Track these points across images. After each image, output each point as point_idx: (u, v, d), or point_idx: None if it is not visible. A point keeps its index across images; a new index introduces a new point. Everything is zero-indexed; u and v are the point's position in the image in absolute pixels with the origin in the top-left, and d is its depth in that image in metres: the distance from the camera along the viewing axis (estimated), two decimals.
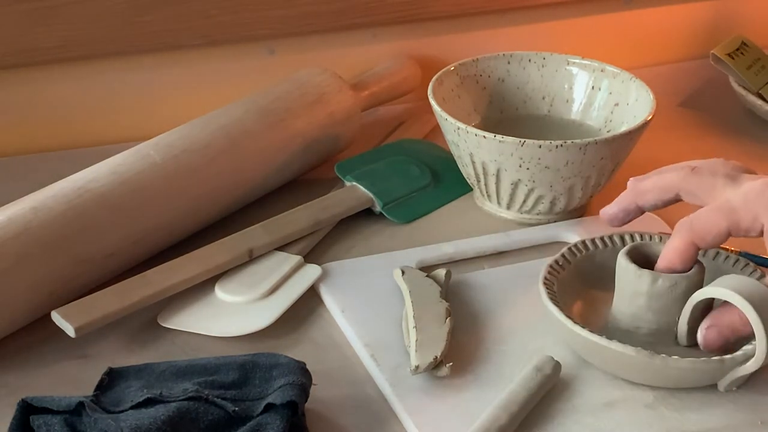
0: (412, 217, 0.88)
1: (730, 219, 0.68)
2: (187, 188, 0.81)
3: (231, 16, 0.98)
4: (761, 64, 1.04)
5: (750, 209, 0.67)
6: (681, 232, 0.69)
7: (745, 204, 0.68)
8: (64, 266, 0.74)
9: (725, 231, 0.68)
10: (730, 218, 0.68)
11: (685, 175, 0.71)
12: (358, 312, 0.76)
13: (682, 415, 0.68)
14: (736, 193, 0.68)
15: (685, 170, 0.71)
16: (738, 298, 0.66)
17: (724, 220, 0.68)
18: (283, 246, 0.81)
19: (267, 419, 0.63)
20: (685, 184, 0.71)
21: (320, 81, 0.92)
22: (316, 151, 0.91)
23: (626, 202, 0.74)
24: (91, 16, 0.94)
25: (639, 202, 0.73)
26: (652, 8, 1.14)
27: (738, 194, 0.68)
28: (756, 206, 0.67)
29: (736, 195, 0.68)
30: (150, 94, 1.00)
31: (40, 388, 0.68)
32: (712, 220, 0.68)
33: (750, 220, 0.68)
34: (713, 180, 0.70)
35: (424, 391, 0.69)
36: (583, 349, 0.70)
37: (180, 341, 0.74)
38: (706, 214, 0.69)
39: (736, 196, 0.68)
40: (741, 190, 0.69)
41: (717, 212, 0.68)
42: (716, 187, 0.70)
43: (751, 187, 0.68)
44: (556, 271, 0.75)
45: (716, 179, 0.70)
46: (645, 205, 0.73)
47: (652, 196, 0.73)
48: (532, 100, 0.94)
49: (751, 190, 0.68)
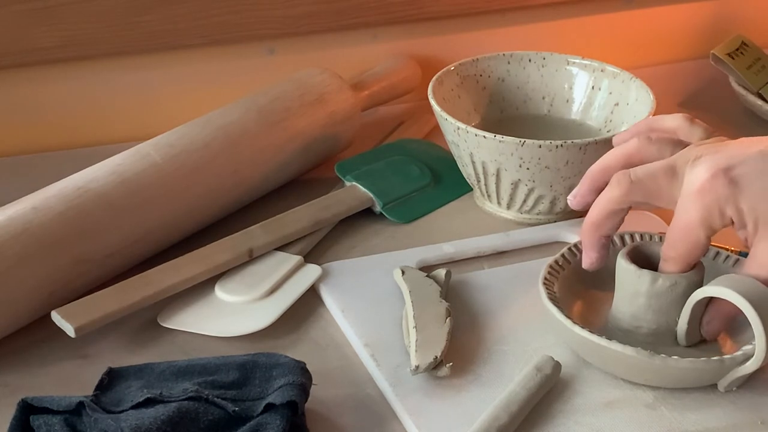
0: (412, 217, 0.88)
1: (703, 228, 0.67)
2: (187, 188, 0.81)
3: (231, 16, 0.98)
4: (761, 64, 1.04)
5: (711, 212, 0.67)
6: (670, 259, 0.69)
7: (704, 210, 0.67)
8: (64, 266, 0.74)
9: (705, 240, 0.68)
10: (701, 228, 0.67)
11: (626, 190, 0.70)
12: (358, 312, 0.76)
13: (682, 415, 0.68)
14: (687, 201, 0.67)
15: (623, 184, 0.70)
16: (738, 298, 0.66)
17: (699, 231, 0.67)
18: (283, 246, 0.81)
19: (267, 419, 0.63)
20: (630, 198, 0.70)
21: (320, 81, 0.92)
22: (316, 151, 0.91)
23: (595, 242, 0.73)
24: (91, 16, 0.94)
25: (603, 234, 0.72)
26: (652, 8, 1.14)
27: (690, 202, 0.67)
28: (713, 207, 0.67)
29: (689, 203, 0.67)
30: (150, 94, 1.00)
31: (40, 388, 0.68)
32: (687, 237, 0.68)
33: (718, 220, 0.67)
34: (655, 184, 0.69)
35: (424, 391, 0.69)
36: (583, 349, 0.70)
37: (180, 341, 0.74)
38: (678, 235, 0.68)
39: (689, 204, 0.67)
40: (688, 193, 0.67)
41: (686, 230, 0.68)
42: (661, 191, 0.69)
43: (695, 189, 0.67)
44: (556, 271, 0.75)
45: (657, 181, 0.69)
46: (610, 232, 0.72)
47: (609, 223, 0.72)
48: (532, 100, 0.94)
49: (697, 192, 0.67)
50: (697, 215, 0.67)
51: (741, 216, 0.67)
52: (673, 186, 0.69)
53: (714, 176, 0.66)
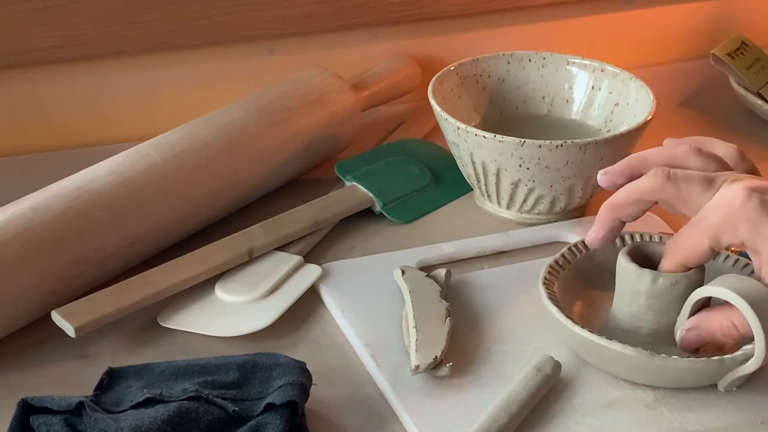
0: (412, 217, 0.88)
1: (711, 236, 0.67)
2: (187, 188, 0.81)
3: (231, 16, 0.98)
4: (761, 64, 1.04)
5: (728, 225, 0.67)
6: (670, 253, 0.69)
7: (723, 220, 0.67)
8: (64, 266, 0.74)
9: (708, 249, 0.68)
10: (710, 235, 0.67)
11: (660, 185, 0.69)
12: (358, 312, 0.76)
13: (682, 415, 0.68)
14: (713, 207, 0.67)
15: (659, 178, 0.69)
16: (737, 298, 0.66)
17: (706, 238, 0.67)
18: (283, 246, 0.81)
19: (267, 419, 0.63)
20: (660, 194, 0.70)
21: (320, 81, 0.92)
22: (316, 151, 0.91)
23: (608, 221, 0.72)
24: (91, 16, 0.94)
25: (620, 217, 0.72)
26: (652, 8, 1.14)
27: (715, 207, 0.67)
28: (733, 221, 0.67)
29: (714, 208, 0.67)
30: (150, 94, 1.00)
31: (40, 388, 0.68)
32: (694, 239, 0.68)
33: (730, 235, 0.67)
34: (688, 188, 0.69)
35: (424, 391, 0.69)
36: (583, 349, 0.70)
37: (180, 341, 0.74)
38: (688, 234, 0.68)
39: (713, 210, 0.67)
40: (717, 201, 0.68)
41: (697, 231, 0.68)
42: (691, 196, 0.69)
43: (725, 199, 0.67)
44: (556, 271, 0.75)
45: (690, 187, 0.69)
46: (627, 218, 0.72)
47: (630, 209, 0.71)
48: (532, 100, 0.94)
49: (726, 203, 0.67)
50: (714, 221, 0.67)
51: (757, 240, 0.67)
52: (705, 197, 0.69)
53: (748, 194, 0.67)
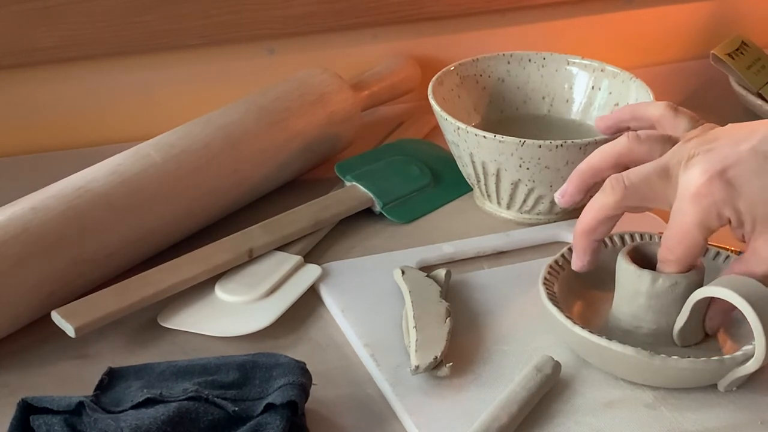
0: (412, 217, 0.88)
1: (700, 230, 0.67)
2: (187, 188, 0.81)
3: (231, 16, 0.98)
4: (761, 64, 1.04)
5: (708, 215, 0.67)
6: (667, 262, 0.69)
7: (701, 213, 0.67)
8: (64, 266, 0.74)
9: (702, 241, 0.68)
10: (700, 229, 0.67)
11: (621, 196, 0.69)
12: (358, 312, 0.76)
13: (682, 415, 0.68)
14: (685, 203, 0.67)
15: (617, 190, 0.69)
16: (737, 298, 0.66)
17: (697, 233, 0.67)
18: (283, 246, 0.81)
19: (267, 419, 0.63)
20: (625, 204, 0.69)
21: (320, 81, 0.92)
22: (316, 151, 0.91)
23: (587, 246, 0.72)
24: (91, 16, 0.94)
25: (596, 239, 0.72)
26: (652, 8, 1.14)
27: (689, 203, 0.67)
28: (709, 212, 0.66)
29: (688, 204, 0.67)
30: (150, 94, 1.00)
31: (40, 388, 0.68)
32: (688, 238, 0.68)
33: (716, 222, 0.67)
34: (648, 188, 0.69)
35: (424, 391, 0.69)
36: (583, 349, 0.70)
37: (180, 341, 0.74)
38: (678, 235, 0.68)
39: (687, 206, 0.67)
40: (684, 195, 0.67)
41: (684, 231, 0.68)
42: (655, 193, 0.69)
43: (691, 192, 0.67)
44: (556, 271, 0.75)
45: (650, 185, 0.69)
46: (603, 236, 0.72)
47: (603, 228, 0.71)
48: (532, 100, 0.94)
49: (693, 196, 0.67)
50: (694, 218, 0.67)
51: (739, 216, 0.67)
52: (668, 188, 0.69)
53: (710, 180, 0.66)
